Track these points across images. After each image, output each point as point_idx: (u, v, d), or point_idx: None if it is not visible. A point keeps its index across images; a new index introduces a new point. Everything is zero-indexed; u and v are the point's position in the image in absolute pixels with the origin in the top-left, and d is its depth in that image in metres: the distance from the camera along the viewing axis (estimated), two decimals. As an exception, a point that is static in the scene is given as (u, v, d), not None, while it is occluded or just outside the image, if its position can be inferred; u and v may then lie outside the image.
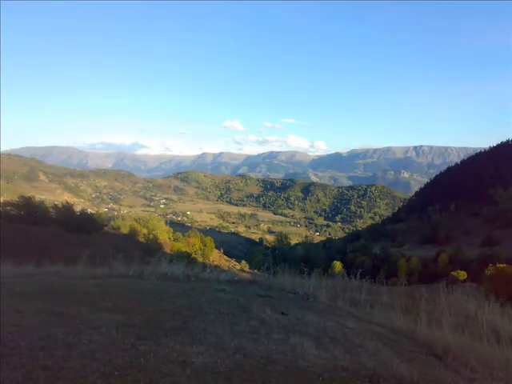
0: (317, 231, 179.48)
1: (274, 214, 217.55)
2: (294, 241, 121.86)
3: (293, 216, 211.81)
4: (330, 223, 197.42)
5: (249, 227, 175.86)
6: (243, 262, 63.52)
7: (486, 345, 3.80)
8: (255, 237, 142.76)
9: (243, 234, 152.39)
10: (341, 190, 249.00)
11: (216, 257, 61.97)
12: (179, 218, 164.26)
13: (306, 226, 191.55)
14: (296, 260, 60.32)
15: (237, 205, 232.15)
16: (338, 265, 48.28)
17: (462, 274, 32.32)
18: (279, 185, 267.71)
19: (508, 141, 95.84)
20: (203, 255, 52.70)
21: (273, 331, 3.91)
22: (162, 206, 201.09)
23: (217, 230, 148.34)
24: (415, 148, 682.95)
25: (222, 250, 78.03)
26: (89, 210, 51.67)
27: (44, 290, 4.94)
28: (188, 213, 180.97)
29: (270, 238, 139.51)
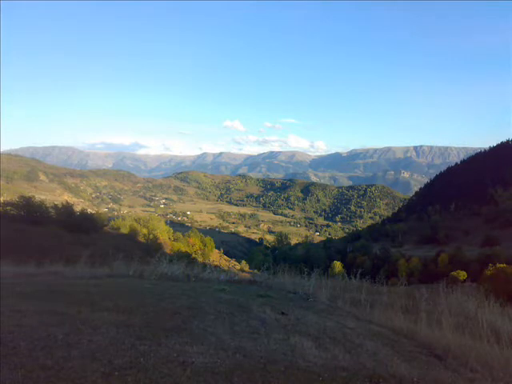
0: (317, 231, 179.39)
1: (274, 213, 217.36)
2: (293, 241, 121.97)
3: (293, 216, 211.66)
4: (330, 223, 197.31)
5: (249, 227, 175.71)
6: (243, 262, 63.50)
7: (485, 345, 3.80)
8: (255, 237, 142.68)
9: (243, 234, 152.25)
10: (341, 190, 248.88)
11: (216, 257, 61.95)
12: (179, 218, 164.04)
13: (306, 226, 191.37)
14: (296, 260, 60.36)
15: (237, 205, 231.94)
16: (337, 265, 48.20)
17: (462, 274, 32.26)
18: (279, 185, 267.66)
19: (508, 141, 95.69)
20: (203, 255, 52.68)
21: (273, 331, 3.91)
22: (162, 206, 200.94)
23: (217, 230, 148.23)
24: (415, 148, 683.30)
25: (222, 250, 78.02)
26: (89, 210, 51.65)
27: (44, 289, 4.94)
28: (188, 213, 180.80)
29: (270, 237, 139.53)
